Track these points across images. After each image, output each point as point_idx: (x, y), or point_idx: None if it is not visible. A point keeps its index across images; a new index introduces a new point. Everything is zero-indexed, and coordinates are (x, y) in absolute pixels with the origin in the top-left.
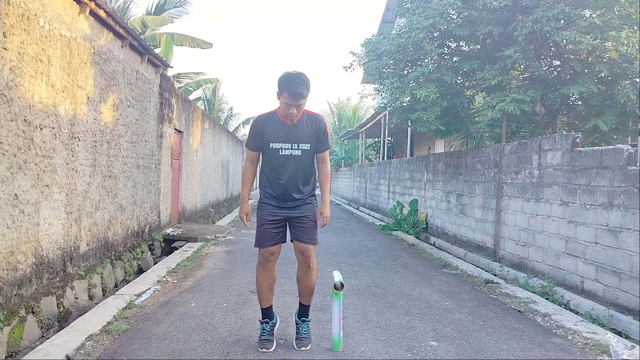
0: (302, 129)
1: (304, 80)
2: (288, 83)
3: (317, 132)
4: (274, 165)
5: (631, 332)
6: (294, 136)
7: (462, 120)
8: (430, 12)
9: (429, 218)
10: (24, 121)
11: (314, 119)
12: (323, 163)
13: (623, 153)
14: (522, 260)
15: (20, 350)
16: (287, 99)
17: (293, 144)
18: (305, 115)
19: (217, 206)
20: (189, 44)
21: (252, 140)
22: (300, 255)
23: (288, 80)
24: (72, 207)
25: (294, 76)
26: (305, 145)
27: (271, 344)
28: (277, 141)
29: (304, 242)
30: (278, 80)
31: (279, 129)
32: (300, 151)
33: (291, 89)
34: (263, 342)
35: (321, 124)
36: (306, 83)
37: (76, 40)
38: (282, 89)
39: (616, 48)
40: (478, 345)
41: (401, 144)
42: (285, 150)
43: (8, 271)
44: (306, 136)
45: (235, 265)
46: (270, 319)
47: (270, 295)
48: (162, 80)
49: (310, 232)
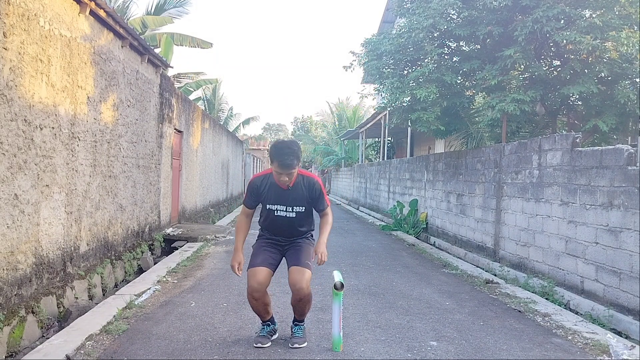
0: (297, 193)
1: (293, 149)
2: (278, 154)
3: (312, 196)
4: (270, 222)
5: (631, 332)
6: (288, 199)
7: (462, 120)
8: (430, 12)
9: (429, 218)
10: (24, 121)
11: (308, 182)
12: (325, 216)
13: (623, 153)
14: (522, 260)
15: (20, 350)
16: (278, 168)
17: (287, 207)
18: (300, 178)
19: (217, 206)
20: (189, 44)
21: (249, 197)
22: (292, 287)
23: (278, 151)
24: (72, 207)
25: (283, 147)
26: (299, 207)
27: (267, 340)
28: (272, 203)
29: (294, 265)
30: (269, 149)
31: (274, 192)
32: (295, 213)
33: (281, 160)
34: (259, 338)
35: (315, 187)
36: (296, 152)
37: (76, 40)
38: (272, 159)
39: (616, 48)
40: (478, 345)
41: (401, 144)
42: (280, 212)
43: (8, 271)
44: (300, 200)
45: None
46: (272, 323)
47: (266, 313)
48: (162, 80)
49: (302, 255)
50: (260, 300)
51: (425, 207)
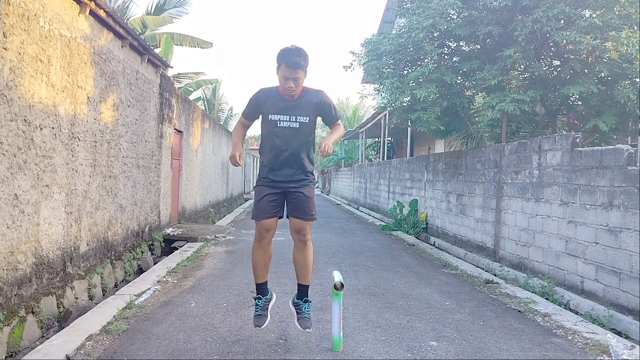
0: (302, 103)
1: (301, 52)
2: (285, 55)
3: (319, 105)
4: (272, 137)
5: (631, 332)
6: (292, 109)
7: (462, 120)
8: (430, 12)
9: (429, 218)
10: (24, 121)
11: (315, 94)
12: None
13: (623, 153)
14: (522, 260)
15: (20, 350)
16: (285, 71)
17: (291, 117)
18: (306, 91)
19: (217, 206)
20: (189, 43)
21: (249, 109)
22: (295, 234)
23: (285, 53)
24: (72, 207)
25: (291, 49)
26: (303, 118)
27: (264, 319)
28: (275, 113)
29: (298, 218)
30: (276, 54)
31: (279, 102)
32: (299, 124)
33: (288, 60)
34: (257, 318)
35: (321, 96)
36: (304, 55)
37: (76, 40)
38: (279, 62)
39: (616, 48)
40: (478, 345)
41: (401, 144)
42: (284, 123)
43: (8, 271)
44: (305, 110)
45: (235, 265)
46: (264, 294)
47: (265, 272)
48: (162, 80)
49: (306, 207)
50: (265, 249)
51: (425, 207)
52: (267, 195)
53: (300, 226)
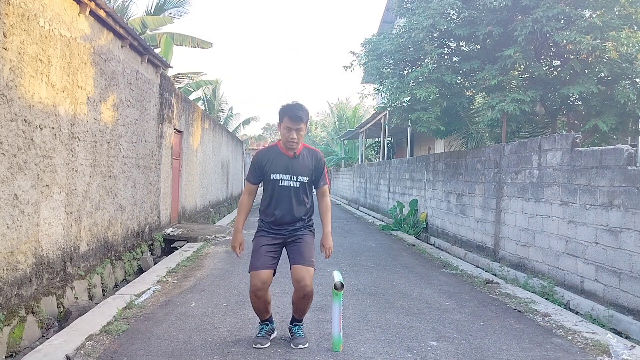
0: (302, 162)
1: (302, 107)
2: (288, 109)
3: (316, 168)
4: (273, 195)
5: (631, 332)
6: (293, 169)
7: (462, 120)
8: (430, 12)
9: (429, 218)
10: (24, 121)
11: (313, 154)
12: (323, 197)
13: (623, 153)
14: (522, 260)
15: (20, 350)
16: (288, 122)
17: (292, 176)
18: (305, 150)
19: (217, 206)
20: (189, 44)
21: (253, 172)
22: (296, 283)
23: (288, 107)
24: (72, 207)
25: (292, 104)
26: (303, 177)
27: (266, 341)
28: (277, 172)
29: (299, 264)
30: (278, 110)
31: (280, 160)
32: (299, 183)
33: (291, 113)
34: (258, 338)
35: (320, 160)
36: (305, 110)
37: (76, 40)
38: (282, 116)
39: (616, 48)
40: (478, 345)
41: (401, 144)
42: (285, 182)
43: (8, 271)
44: (305, 169)
45: (235, 265)
46: (270, 322)
47: (266, 312)
48: (162, 80)
49: (306, 252)
50: (262, 299)
51: (425, 207)
52: (265, 246)
53: (301, 275)
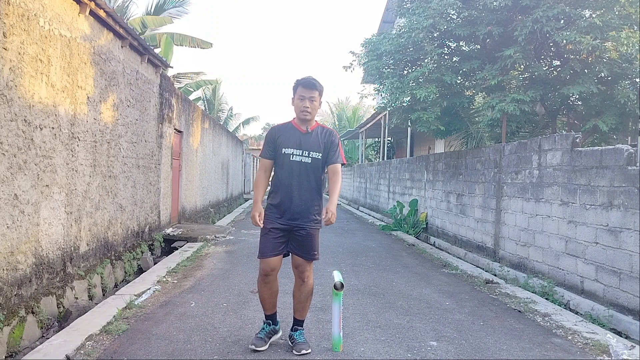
0: (315, 138)
1: (316, 79)
2: (301, 79)
3: (328, 144)
4: (283, 172)
5: (631, 332)
6: (305, 144)
7: (462, 120)
8: (430, 12)
9: (429, 218)
10: (24, 121)
11: (327, 132)
12: (335, 175)
13: (623, 153)
14: (522, 260)
15: (20, 350)
16: (301, 91)
17: (304, 151)
18: (320, 128)
19: (217, 206)
20: (189, 44)
21: (266, 148)
22: (295, 269)
23: (302, 78)
24: (72, 207)
25: (306, 76)
26: (315, 154)
27: (263, 343)
28: (289, 147)
29: (300, 256)
30: (292, 85)
31: (293, 135)
32: (311, 159)
33: (304, 82)
34: (256, 340)
35: (334, 137)
36: (318, 81)
37: (76, 40)
38: (296, 87)
39: (616, 48)
40: (478, 345)
41: (401, 144)
42: (296, 157)
43: (8, 271)
44: (318, 145)
45: (235, 265)
46: (274, 322)
47: (273, 305)
48: (162, 80)
49: (309, 247)
50: (270, 285)
51: (425, 207)
52: (273, 230)
53: (300, 265)
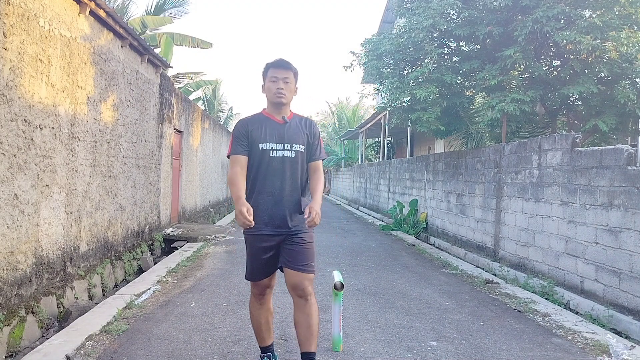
0: (296, 129)
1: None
2: (271, 62)
3: (310, 136)
4: (262, 171)
5: (631, 332)
6: (286, 135)
7: (462, 120)
8: (430, 12)
9: (429, 218)
10: (24, 121)
11: (306, 121)
12: (316, 171)
13: (623, 153)
14: (522, 260)
15: (20, 350)
16: (273, 72)
17: (286, 144)
18: (297, 117)
19: (217, 206)
20: (189, 44)
21: (238, 144)
22: (292, 291)
23: (271, 61)
24: (72, 207)
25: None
26: (299, 146)
27: None
28: (267, 141)
29: (296, 269)
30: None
31: (268, 127)
32: (294, 153)
33: (276, 63)
34: None
35: (314, 127)
36: (290, 62)
37: (76, 40)
38: (266, 70)
39: (616, 48)
40: (478, 345)
41: (401, 144)
42: (277, 152)
43: (8, 271)
44: (301, 137)
45: (235, 265)
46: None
47: (269, 333)
48: (162, 80)
49: (303, 256)
50: (266, 306)
51: (425, 207)
52: (261, 250)
53: (296, 280)
